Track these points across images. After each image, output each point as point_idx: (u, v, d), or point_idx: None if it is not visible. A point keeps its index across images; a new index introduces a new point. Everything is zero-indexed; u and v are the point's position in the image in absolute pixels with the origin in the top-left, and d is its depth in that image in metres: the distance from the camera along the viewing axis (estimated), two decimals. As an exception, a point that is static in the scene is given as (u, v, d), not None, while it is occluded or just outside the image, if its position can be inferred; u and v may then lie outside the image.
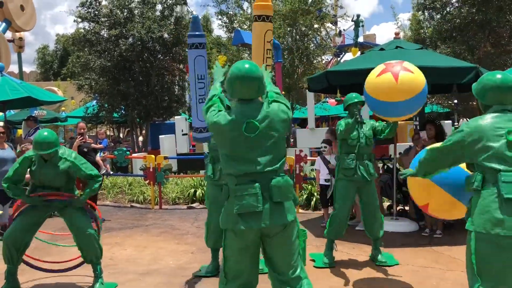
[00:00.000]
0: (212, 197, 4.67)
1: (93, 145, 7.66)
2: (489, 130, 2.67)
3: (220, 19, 14.37)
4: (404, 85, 4.54)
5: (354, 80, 6.66)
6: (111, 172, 8.22)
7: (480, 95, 2.85)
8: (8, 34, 15.33)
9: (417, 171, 3.15)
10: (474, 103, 13.57)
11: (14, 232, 4.12)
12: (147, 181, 8.74)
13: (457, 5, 12.50)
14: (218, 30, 73.33)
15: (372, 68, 6.22)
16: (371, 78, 4.85)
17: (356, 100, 5.02)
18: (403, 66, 4.69)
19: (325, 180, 6.75)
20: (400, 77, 4.56)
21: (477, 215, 2.62)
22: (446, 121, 15.24)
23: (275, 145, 2.75)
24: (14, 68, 21.06)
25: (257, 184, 2.67)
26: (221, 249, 2.98)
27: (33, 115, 11.28)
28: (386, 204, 7.76)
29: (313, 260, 5.11)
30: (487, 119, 2.72)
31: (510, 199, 2.52)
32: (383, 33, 69.54)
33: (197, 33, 4.89)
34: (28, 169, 4.21)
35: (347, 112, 5.22)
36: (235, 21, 14.22)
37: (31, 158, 4.16)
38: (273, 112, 2.78)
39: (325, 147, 6.77)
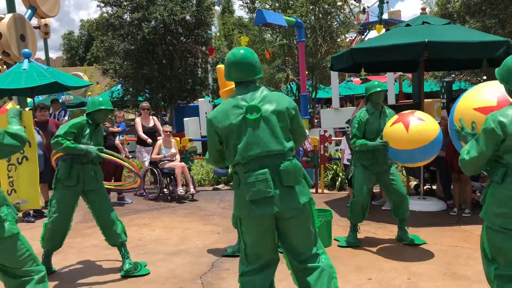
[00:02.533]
0: None
1: (111, 128, 7.76)
2: None
3: (241, -1, 14.21)
4: (414, 134, 4.47)
5: (379, 57, 6.52)
6: (130, 156, 8.35)
7: (505, 79, 2.60)
8: (34, 21, 15.56)
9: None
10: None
11: (57, 225, 4.30)
12: (173, 163, 8.84)
13: (487, -24, 12.00)
14: (240, 11, 72.84)
15: (398, 44, 6.12)
16: (386, 126, 4.77)
17: (378, 89, 4.88)
18: (415, 115, 4.59)
19: (347, 160, 6.71)
20: (410, 126, 4.49)
21: (491, 206, 2.57)
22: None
23: (279, 128, 2.75)
24: (40, 54, 21.49)
25: (266, 169, 2.69)
26: None
27: (55, 97, 11.53)
28: (413, 183, 7.67)
29: (337, 241, 5.11)
30: None
31: None
32: (409, 9, 67.46)
33: None
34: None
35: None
36: (257, 1, 14.04)
37: (81, 123, 4.29)
38: (275, 95, 2.83)
39: (349, 127, 6.70)
